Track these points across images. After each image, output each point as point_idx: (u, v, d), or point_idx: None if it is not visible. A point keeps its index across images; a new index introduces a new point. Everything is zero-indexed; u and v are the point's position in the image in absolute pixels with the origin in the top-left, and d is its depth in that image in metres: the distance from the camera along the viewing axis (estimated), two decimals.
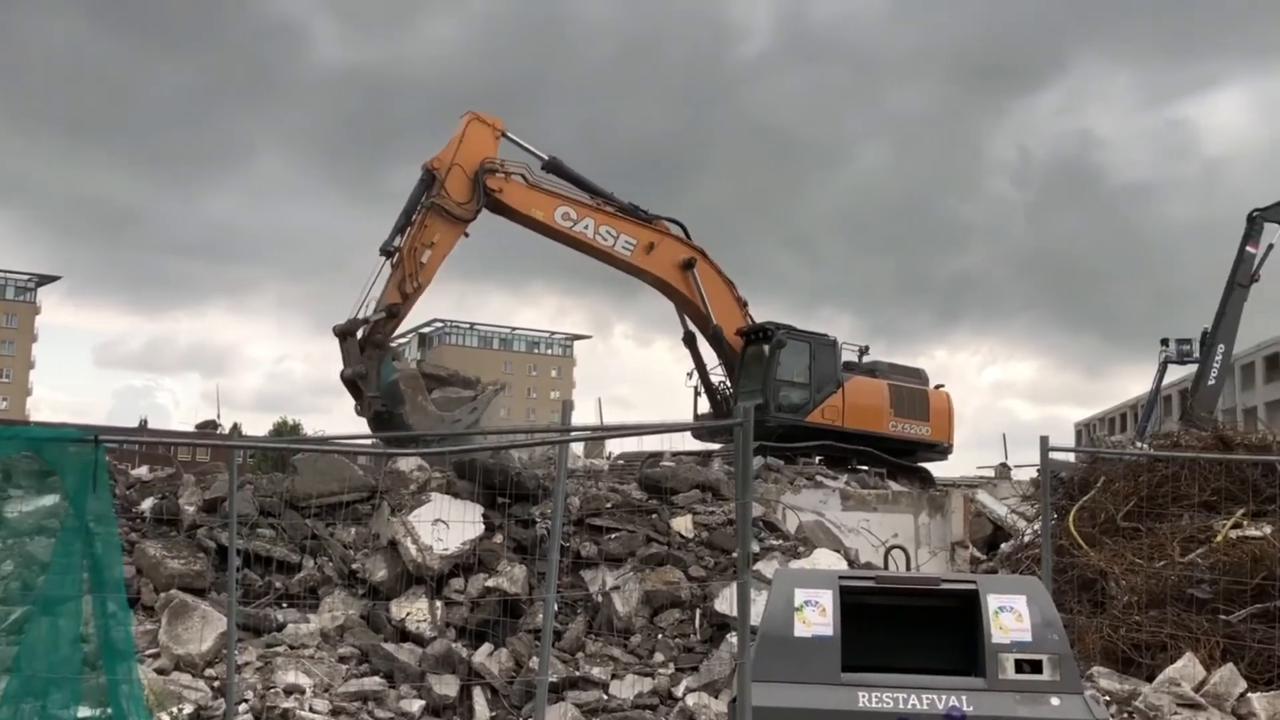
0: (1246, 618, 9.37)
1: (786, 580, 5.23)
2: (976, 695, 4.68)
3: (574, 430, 7.56)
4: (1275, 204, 34.82)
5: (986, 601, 4.86)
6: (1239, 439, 12.90)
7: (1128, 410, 75.11)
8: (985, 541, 17.52)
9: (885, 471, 20.67)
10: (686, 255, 19.30)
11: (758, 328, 20.43)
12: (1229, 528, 10.32)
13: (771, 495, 16.32)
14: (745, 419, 4.30)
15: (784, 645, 4.88)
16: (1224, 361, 35.67)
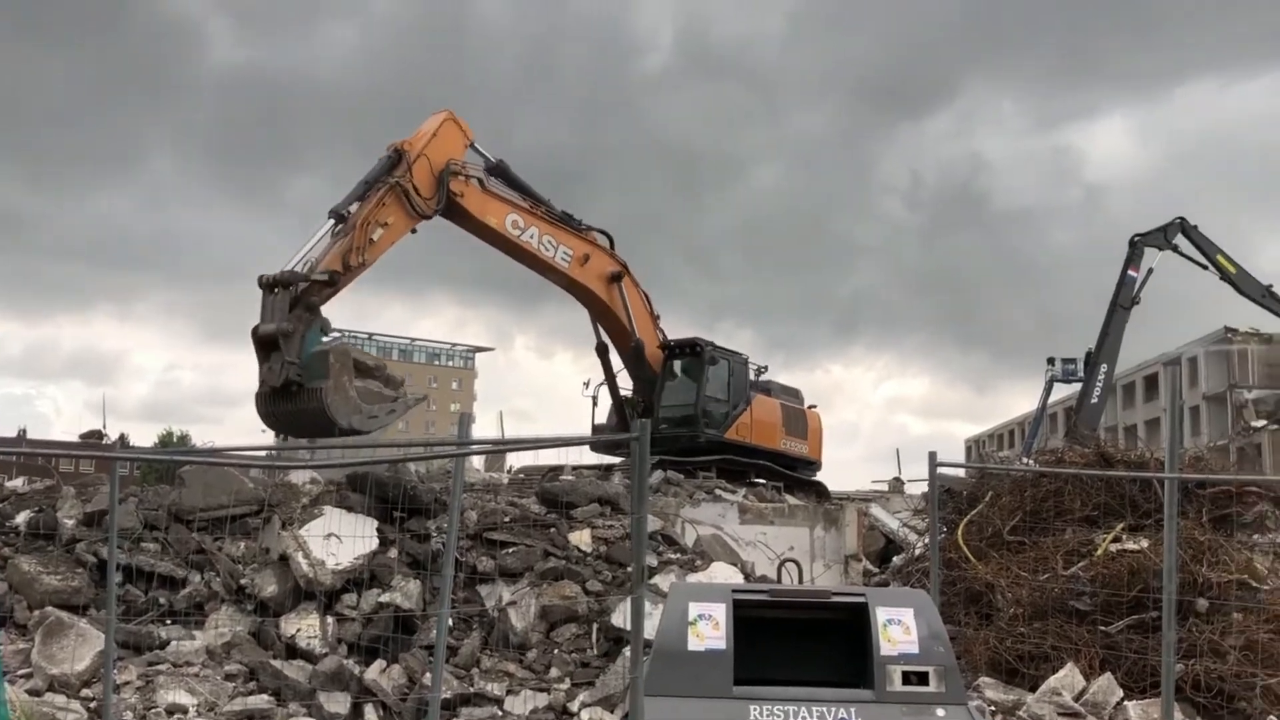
0: (1124, 628, 9.70)
1: (681, 594, 5.24)
2: (865, 707, 4.76)
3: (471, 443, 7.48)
4: (1155, 230, 36.34)
5: (875, 614, 4.94)
6: (1119, 456, 13.35)
7: (1015, 427, 77.34)
8: (878, 554, 17.85)
9: (782, 486, 20.97)
10: (615, 268, 19.23)
11: (685, 343, 20.64)
12: (1109, 541, 10.68)
13: (671, 509, 16.39)
14: (642, 433, 4.30)
15: (677, 659, 4.89)
16: (1106, 381, 37.04)
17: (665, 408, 20.18)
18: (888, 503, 21.09)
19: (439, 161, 16.04)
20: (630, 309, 19.40)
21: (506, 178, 17.67)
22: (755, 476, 21.09)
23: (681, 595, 5.18)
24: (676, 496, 17.62)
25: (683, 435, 19.84)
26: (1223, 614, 9.64)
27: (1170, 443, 7.66)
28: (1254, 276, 38.19)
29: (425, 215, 15.93)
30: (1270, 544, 12.49)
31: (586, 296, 19.13)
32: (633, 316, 19.41)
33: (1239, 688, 9.05)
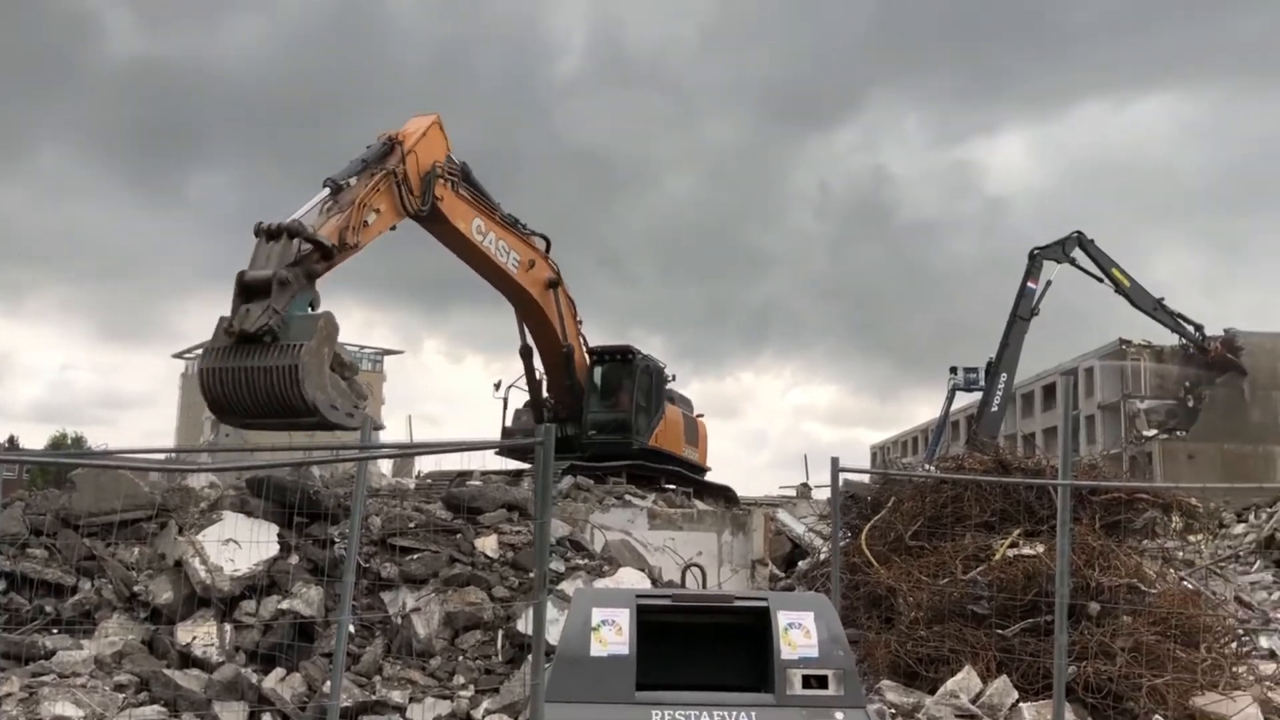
0: (1019, 631, 9.94)
1: (585, 600, 5.22)
2: (765, 711, 4.79)
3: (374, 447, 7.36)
4: (1054, 243, 37.52)
5: (777, 618, 4.98)
6: (1017, 463, 13.68)
7: (919, 434, 78.97)
8: (784, 559, 18.06)
9: (692, 491, 21.10)
10: (553, 275, 19.12)
11: (616, 350, 20.75)
12: (1006, 546, 10.93)
13: (580, 514, 16.36)
14: (546, 438, 4.26)
15: (580, 665, 4.87)
16: (1006, 389, 38.09)
17: (595, 414, 20.21)
18: (794, 508, 21.36)
19: (426, 162, 15.52)
20: (564, 315, 19.36)
21: (469, 181, 17.40)
22: (666, 482, 21.25)
23: (585, 601, 5.16)
24: (586, 502, 17.60)
25: (615, 442, 19.94)
26: (1113, 617, 9.93)
27: (1064, 451, 7.88)
28: (1147, 290, 39.67)
29: (410, 212, 15.33)
30: (1159, 549, 12.94)
31: (526, 302, 18.83)
32: (565, 322, 19.39)
33: (1127, 688, 9.33)
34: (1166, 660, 9.56)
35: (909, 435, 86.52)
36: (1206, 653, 10.14)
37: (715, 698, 4.85)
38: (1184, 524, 13.27)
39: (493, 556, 11.08)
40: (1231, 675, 10.04)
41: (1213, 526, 22.67)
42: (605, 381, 20.62)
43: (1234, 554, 23.29)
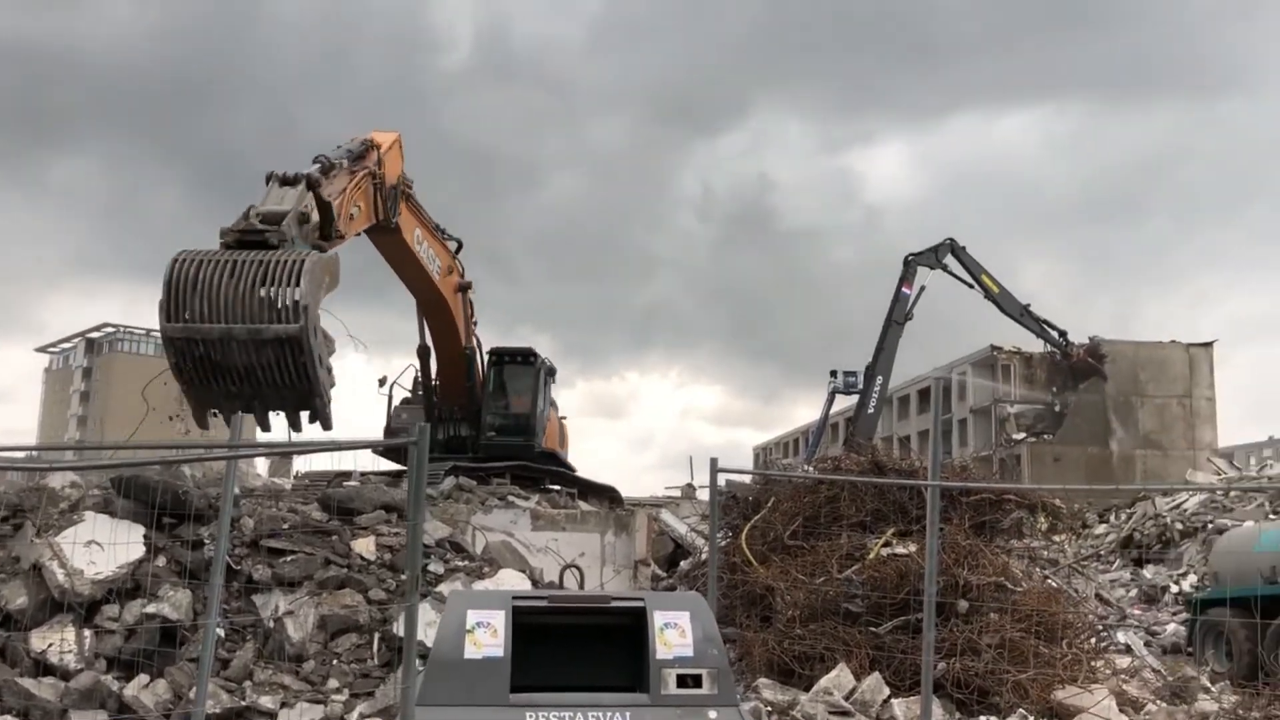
0: (892, 629, 10.19)
1: (459, 602, 5.16)
2: (640, 711, 4.80)
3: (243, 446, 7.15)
4: (927, 250, 38.69)
5: (653, 618, 5.00)
6: (892, 464, 14.04)
7: (800, 435, 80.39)
8: (667, 559, 18.17)
9: (576, 491, 21.09)
10: (465, 279, 18.86)
11: (518, 351, 20.63)
12: (879, 546, 11.20)
13: (462, 516, 16.19)
14: (420, 438, 4.19)
15: (453, 668, 4.80)
16: (882, 392, 39.13)
17: (494, 415, 20.05)
18: (677, 508, 21.50)
19: (393, 174, 14.77)
20: (467, 317, 19.16)
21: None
22: (550, 483, 21.19)
23: (459, 603, 5.10)
24: (468, 503, 17.43)
25: (516, 444, 19.86)
26: (981, 614, 10.26)
27: (933, 452, 8.11)
28: (1014, 296, 41.16)
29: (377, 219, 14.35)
30: (1025, 548, 13.41)
31: (438, 306, 18.46)
32: (468, 324, 19.20)
33: (993, 683, 9.66)
34: (1030, 656, 9.92)
35: (790, 437, 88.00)
36: (1067, 648, 10.56)
37: (590, 698, 4.84)
38: (1049, 524, 13.78)
39: (369, 558, 10.87)
40: (1090, 669, 10.48)
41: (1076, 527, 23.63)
42: (505, 383, 20.48)
43: (1095, 553, 24.33)
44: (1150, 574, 21.86)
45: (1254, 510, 22.79)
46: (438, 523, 13.02)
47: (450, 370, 19.68)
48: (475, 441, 19.91)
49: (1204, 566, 19.00)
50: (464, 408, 20.01)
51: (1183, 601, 17.99)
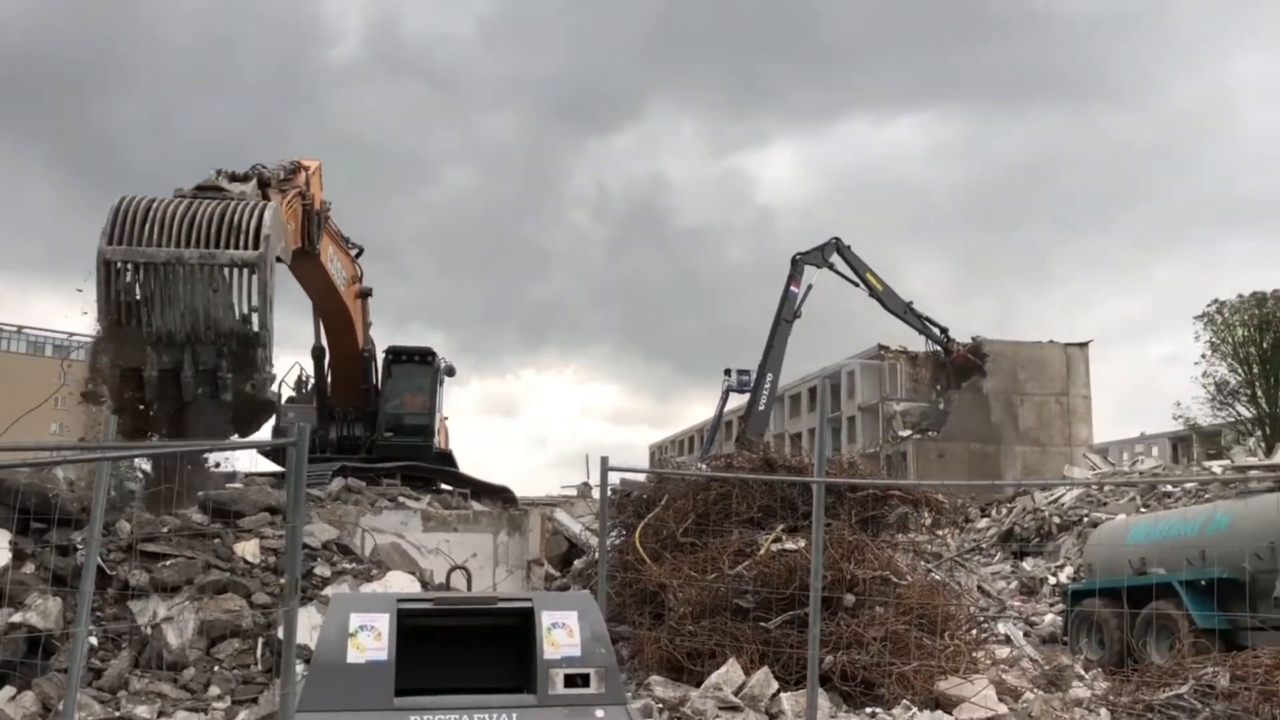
0: (781, 624, 10.32)
1: (342, 605, 5.05)
2: (526, 712, 4.76)
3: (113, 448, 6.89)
4: (814, 248, 39.41)
5: (541, 618, 4.97)
6: (782, 461, 14.23)
7: (695, 433, 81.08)
8: (561, 558, 18.14)
9: (469, 492, 20.89)
10: (365, 286, 18.45)
11: (416, 350, 20.29)
12: (770, 542, 11.34)
13: (351, 517, 15.90)
14: (300, 438, 4.08)
15: (336, 672, 4.70)
16: (772, 390, 39.68)
17: (392, 416, 19.71)
18: (572, 507, 21.50)
19: (316, 200, 14.22)
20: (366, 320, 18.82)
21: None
22: (442, 483, 20.96)
23: (342, 606, 4.99)
24: (357, 504, 17.12)
25: (415, 445, 19.56)
26: (867, 608, 10.46)
27: (819, 449, 8.24)
28: (898, 294, 42.18)
29: (302, 245, 13.85)
30: (910, 543, 13.73)
31: (339, 312, 18.02)
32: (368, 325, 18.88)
33: (878, 676, 9.86)
34: (914, 648, 10.15)
35: (685, 435, 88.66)
36: (949, 640, 10.84)
37: (476, 700, 4.78)
38: (932, 519, 14.12)
39: (253, 562, 10.59)
40: (971, 660, 10.78)
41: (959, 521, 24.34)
42: (403, 382, 20.15)
43: (977, 547, 25.09)
44: (1029, 566, 22.63)
45: (1126, 504, 23.76)
46: (325, 525, 12.76)
47: (345, 370, 19.36)
48: (371, 442, 19.59)
49: (1079, 559, 19.74)
50: (359, 408, 19.68)
51: (1059, 593, 18.65)
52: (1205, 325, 53.50)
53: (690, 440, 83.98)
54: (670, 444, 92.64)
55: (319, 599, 9.88)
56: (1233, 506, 14.45)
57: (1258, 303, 51.89)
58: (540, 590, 15.24)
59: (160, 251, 10.10)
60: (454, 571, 8.18)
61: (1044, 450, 50.56)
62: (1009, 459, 49.95)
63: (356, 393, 19.56)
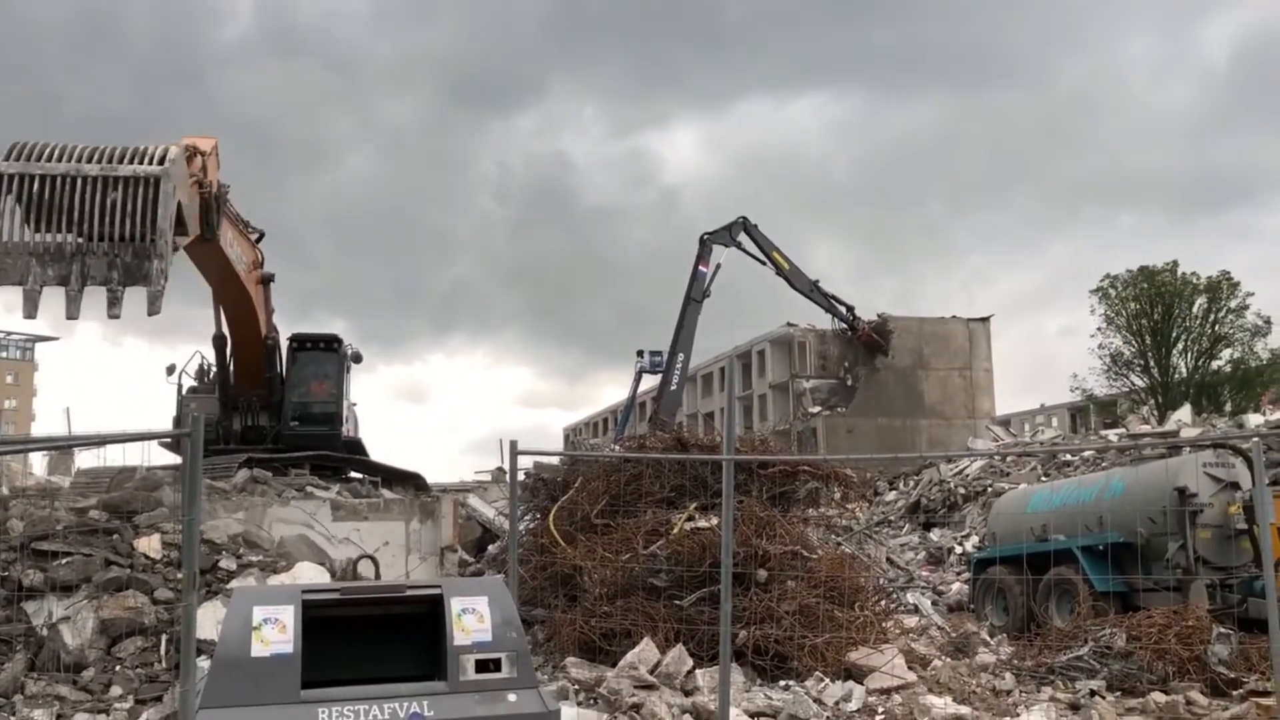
0: (695, 601, 10.39)
1: (244, 599, 4.92)
2: (437, 699, 4.71)
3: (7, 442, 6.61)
4: (722, 228, 39.66)
5: (450, 605, 4.91)
6: (694, 441, 14.33)
7: (609, 415, 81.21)
8: (475, 544, 18.01)
9: (379, 480, 20.60)
10: (267, 271, 17.88)
11: (320, 337, 19.84)
12: (683, 521, 11.40)
13: (257, 509, 15.56)
14: (194, 429, 3.96)
15: (240, 667, 4.59)
16: (684, 369, 39.89)
17: (297, 404, 19.26)
18: (485, 493, 21.33)
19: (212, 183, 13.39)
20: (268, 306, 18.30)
21: None
22: (352, 471, 20.65)
23: (244, 600, 4.86)
24: (264, 496, 16.76)
25: (321, 434, 19.10)
26: (779, 582, 10.59)
27: (728, 427, 8.27)
28: (804, 272, 42.67)
29: (201, 233, 13.11)
30: (821, 517, 13.93)
31: (240, 299, 17.45)
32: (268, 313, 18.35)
33: (791, 649, 10.00)
34: (825, 620, 10.31)
35: (599, 417, 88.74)
36: (859, 611, 11.04)
37: (386, 690, 4.71)
38: (842, 493, 14.34)
39: (154, 557, 10.30)
40: (881, 630, 11.00)
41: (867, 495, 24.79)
42: (308, 370, 19.70)
43: (886, 519, 25.59)
44: (936, 536, 23.16)
45: (1027, 474, 24.46)
46: (230, 518, 12.47)
47: (247, 358, 18.86)
48: (276, 432, 19.15)
49: (984, 528, 20.25)
50: (263, 397, 19.23)
51: (965, 561, 19.12)
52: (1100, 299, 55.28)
53: (604, 422, 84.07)
54: (584, 426, 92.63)
55: (224, 593, 9.65)
56: (1127, 473, 14.95)
57: (1148, 277, 53.74)
58: (453, 577, 15.13)
59: (58, 165, 9.98)
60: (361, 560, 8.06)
61: (949, 423, 51.74)
62: (914, 432, 50.98)
63: (260, 381, 19.09)
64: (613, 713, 8.40)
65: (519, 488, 16.51)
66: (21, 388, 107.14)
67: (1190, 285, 53.34)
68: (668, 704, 8.53)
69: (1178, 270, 53.59)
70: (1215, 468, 13.32)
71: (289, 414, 19.22)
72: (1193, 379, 53.06)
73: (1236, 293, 53.14)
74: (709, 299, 39.20)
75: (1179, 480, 13.20)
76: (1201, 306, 53.42)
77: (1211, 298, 53.21)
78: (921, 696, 9.34)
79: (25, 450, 11.17)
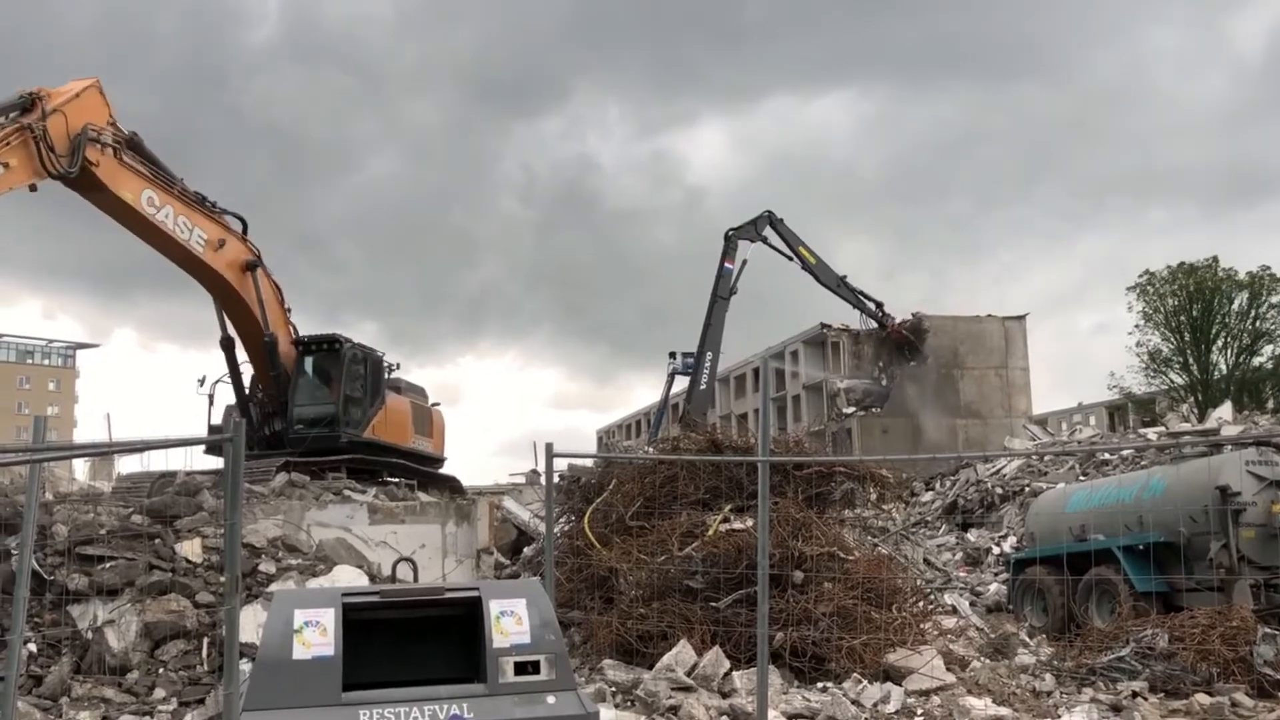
0: (731, 603, 10.38)
1: (285, 602, 4.96)
2: (477, 701, 4.72)
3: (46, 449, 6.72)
4: (747, 223, 39.39)
5: (488, 607, 4.93)
6: (728, 442, 14.31)
7: (642, 417, 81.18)
8: (510, 546, 18.06)
9: (416, 483, 20.73)
10: (249, 256, 18.11)
11: (323, 339, 19.87)
12: (719, 522, 11.39)
13: (295, 513, 15.71)
14: (236, 433, 4.00)
15: (281, 669, 4.63)
16: (713, 367, 39.71)
17: (301, 407, 19.37)
18: (520, 495, 21.40)
19: (76, 123, 14.55)
20: (264, 301, 18.44)
21: (140, 152, 16.24)
22: (389, 475, 20.78)
23: (286, 603, 4.90)
24: (302, 499, 16.92)
25: (323, 436, 19.13)
26: (815, 584, 10.55)
27: (763, 428, 8.25)
28: (831, 268, 42.31)
29: (54, 173, 14.24)
30: (857, 518, 13.87)
31: (218, 285, 17.87)
32: (266, 309, 18.47)
33: (828, 650, 9.96)
34: (862, 622, 10.27)
35: (632, 419, 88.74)
36: (897, 613, 10.98)
37: (425, 692, 4.73)
38: (877, 494, 14.26)
39: (195, 561, 10.43)
40: (919, 632, 10.93)
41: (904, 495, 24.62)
42: (312, 373, 19.83)
43: (923, 520, 25.42)
44: (974, 537, 22.97)
45: (1065, 473, 24.20)
46: (269, 522, 12.60)
47: (258, 361, 19.13)
48: (286, 435, 19.22)
49: (1021, 528, 20.08)
50: (275, 400, 19.39)
51: (1003, 562, 18.96)
52: (1138, 296, 54.64)
53: (637, 424, 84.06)
54: (617, 428, 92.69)
55: (264, 596, 9.75)
56: (1168, 472, 14.76)
57: (1186, 273, 53.07)
58: (490, 579, 15.18)
59: None
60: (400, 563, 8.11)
61: (985, 423, 51.28)
62: (950, 432, 50.57)
63: (269, 383, 19.30)
64: (650, 715, 8.41)
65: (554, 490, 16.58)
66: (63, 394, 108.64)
67: (1231, 281, 52.63)
68: (705, 706, 8.52)
69: (1218, 266, 52.90)
70: (1258, 465, 13.13)
71: (294, 417, 19.29)
72: (1233, 376, 52.31)
73: (1278, 288, 52.37)
74: (736, 296, 38.98)
75: (1221, 479, 13.02)
76: (1243, 303, 52.68)
77: (1253, 293, 52.46)
78: (960, 698, 9.28)
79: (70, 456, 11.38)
